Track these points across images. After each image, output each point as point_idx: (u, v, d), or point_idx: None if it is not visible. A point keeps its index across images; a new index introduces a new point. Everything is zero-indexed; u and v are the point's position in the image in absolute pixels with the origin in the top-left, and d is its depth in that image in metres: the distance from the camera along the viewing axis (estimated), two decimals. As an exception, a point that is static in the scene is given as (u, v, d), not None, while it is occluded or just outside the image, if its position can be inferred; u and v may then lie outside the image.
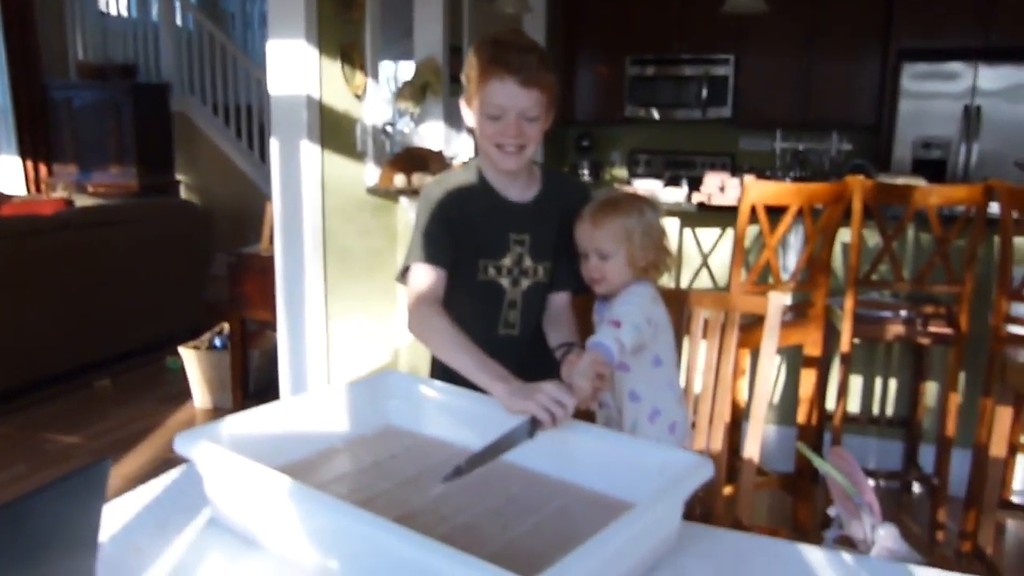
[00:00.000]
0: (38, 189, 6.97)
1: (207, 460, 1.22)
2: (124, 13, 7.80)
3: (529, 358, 1.73)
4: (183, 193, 7.27)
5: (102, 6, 7.64)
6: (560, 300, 1.81)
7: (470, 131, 1.74)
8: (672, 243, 3.42)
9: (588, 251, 1.67)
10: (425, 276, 1.68)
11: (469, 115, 1.66)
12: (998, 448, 2.41)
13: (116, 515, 1.27)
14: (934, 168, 5.05)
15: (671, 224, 3.44)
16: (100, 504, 0.94)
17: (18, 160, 6.95)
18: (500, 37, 1.60)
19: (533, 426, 1.32)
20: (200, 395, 4.10)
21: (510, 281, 1.75)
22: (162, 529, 1.24)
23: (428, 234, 1.69)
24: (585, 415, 1.76)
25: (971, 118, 5.09)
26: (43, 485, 0.86)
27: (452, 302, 1.71)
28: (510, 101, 1.58)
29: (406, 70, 4.16)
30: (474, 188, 1.74)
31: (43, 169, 7.09)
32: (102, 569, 1.09)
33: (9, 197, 5.48)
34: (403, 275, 1.73)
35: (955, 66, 5.12)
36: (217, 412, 3.99)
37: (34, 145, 7.01)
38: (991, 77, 5.07)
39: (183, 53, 7.22)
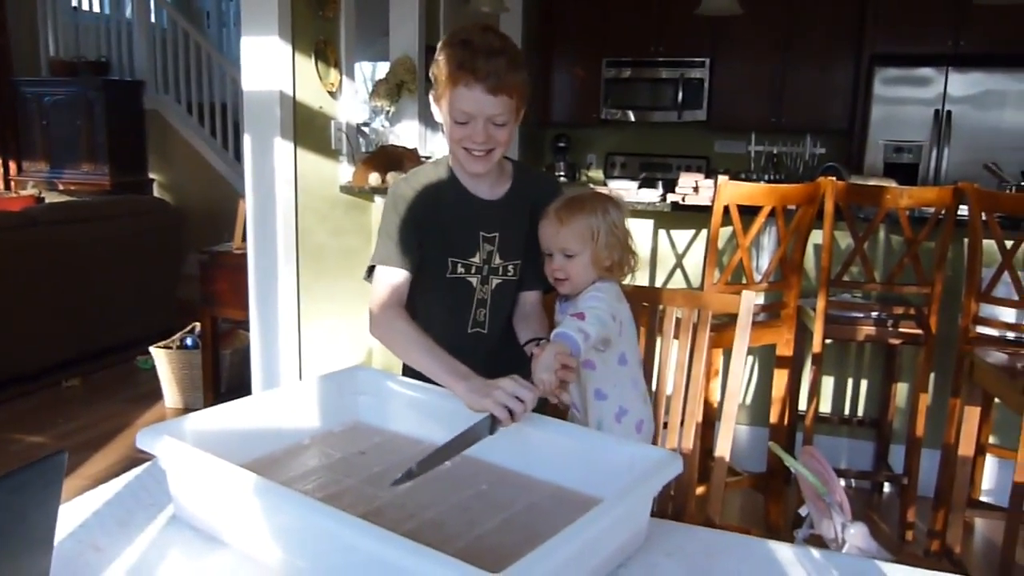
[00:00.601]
0: (7, 187, 6.88)
1: (170, 456, 1.19)
2: (97, 9, 7.71)
3: (499, 356, 1.72)
4: (156, 191, 7.20)
5: (74, 2, 7.54)
6: (531, 298, 1.80)
7: (442, 127, 1.70)
8: (644, 244, 3.43)
9: (552, 250, 1.66)
10: (388, 279, 1.66)
11: (438, 112, 1.65)
12: (966, 448, 2.44)
13: (76, 513, 1.25)
14: (906, 172, 5.10)
15: (645, 225, 3.44)
16: (56, 499, 0.92)
17: (-13, 157, 6.86)
18: (469, 38, 1.55)
19: (493, 423, 1.31)
20: (171, 395, 4.05)
21: (479, 279, 1.73)
22: (123, 527, 1.22)
23: (393, 235, 1.67)
24: (558, 413, 1.76)
25: (942, 123, 5.15)
26: (-4, 479, 0.84)
27: (421, 300, 1.70)
28: (477, 107, 1.55)
29: (383, 71, 4.14)
30: (444, 185, 1.72)
31: (12, 166, 7.00)
32: (61, 568, 1.07)
33: (-23, 194, 5.40)
34: (369, 274, 1.72)
35: (926, 72, 5.19)
36: (188, 412, 3.93)
37: (3, 142, 6.93)
38: (961, 83, 5.14)
39: (157, 50, 7.14)
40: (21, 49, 7.02)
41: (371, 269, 1.71)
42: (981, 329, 2.68)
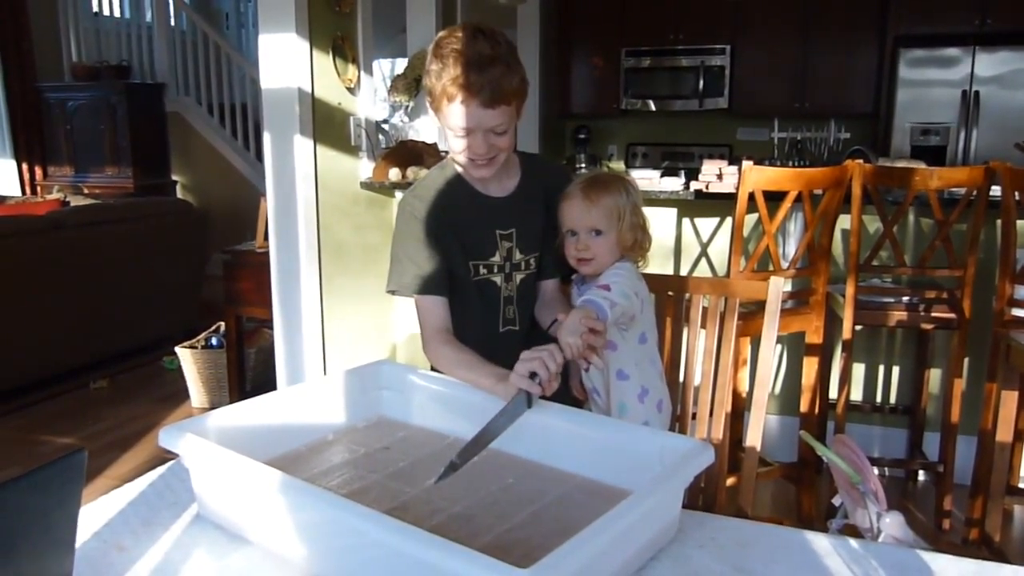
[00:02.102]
0: (34, 192, 6.95)
1: (193, 454, 1.18)
2: (118, 14, 7.77)
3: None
4: (179, 193, 7.24)
5: (95, 7, 7.60)
6: (551, 286, 1.78)
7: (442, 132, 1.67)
8: (668, 233, 3.39)
9: (579, 229, 1.63)
10: (427, 305, 1.66)
11: (437, 120, 1.60)
12: (1004, 433, 2.38)
13: (99, 513, 1.24)
14: (933, 155, 5.00)
15: (669, 214, 3.41)
16: (77, 498, 0.91)
17: (12, 163, 6.93)
18: (460, 48, 1.49)
19: (529, 396, 1.29)
20: (197, 395, 4.06)
21: (503, 277, 1.71)
22: (147, 526, 1.21)
23: (417, 260, 1.66)
24: (577, 403, 1.73)
25: (969, 104, 5.05)
26: (15, 477, 0.82)
27: (452, 306, 1.68)
28: (476, 122, 1.51)
29: (402, 68, 4.12)
30: (453, 189, 1.70)
31: (38, 171, 7.08)
32: (85, 568, 1.06)
33: (3, 199, 5.45)
34: (392, 292, 1.71)
35: (952, 52, 5.08)
36: (214, 411, 3.95)
37: (29, 147, 6.99)
38: (989, 62, 5.03)
39: (177, 53, 7.19)
40: (44, 55, 7.08)
41: (393, 291, 1.71)
42: (1016, 312, 2.62)
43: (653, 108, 6.16)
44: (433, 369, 1.64)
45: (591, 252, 1.63)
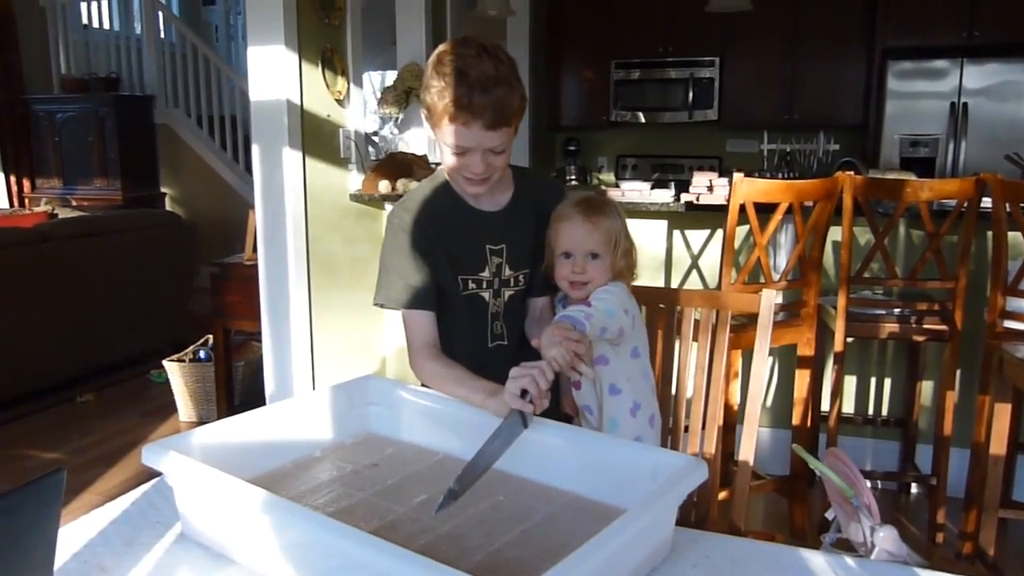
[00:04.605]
0: (21, 204, 6.91)
1: (176, 472, 1.16)
2: (107, 26, 7.75)
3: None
4: (168, 205, 7.21)
5: (85, 19, 7.58)
6: (541, 303, 1.76)
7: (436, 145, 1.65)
8: (658, 245, 3.38)
9: (576, 251, 1.61)
10: (415, 320, 1.64)
11: (433, 135, 1.58)
12: (997, 446, 2.37)
13: (80, 533, 1.21)
14: (923, 166, 5.03)
15: (659, 226, 3.40)
16: (55, 519, 0.88)
17: (0, 175, 6.89)
18: (463, 68, 1.45)
19: (523, 415, 1.26)
20: (185, 408, 4.02)
21: (491, 293, 1.70)
22: (129, 546, 1.18)
23: (404, 274, 1.64)
24: (567, 420, 1.71)
25: (958, 116, 5.07)
26: (-11, 500, 0.80)
27: (440, 321, 1.66)
28: (476, 143, 1.49)
29: (392, 80, 4.12)
30: (443, 202, 1.67)
31: (26, 184, 7.04)
32: (64, 590, 1.04)
33: (-10, 212, 5.41)
34: (379, 305, 1.70)
35: (941, 64, 5.11)
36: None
37: (17, 160, 6.96)
38: (976, 74, 5.06)
39: (166, 65, 7.18)
40: (33, 67, 7.06)
41: (381, 304, 1.69)
42: (1008, 324, 2.61)
43: (643, 120, 6.17)
44: (422, 384, 1.61)
45: (587, 275, 1.61)
